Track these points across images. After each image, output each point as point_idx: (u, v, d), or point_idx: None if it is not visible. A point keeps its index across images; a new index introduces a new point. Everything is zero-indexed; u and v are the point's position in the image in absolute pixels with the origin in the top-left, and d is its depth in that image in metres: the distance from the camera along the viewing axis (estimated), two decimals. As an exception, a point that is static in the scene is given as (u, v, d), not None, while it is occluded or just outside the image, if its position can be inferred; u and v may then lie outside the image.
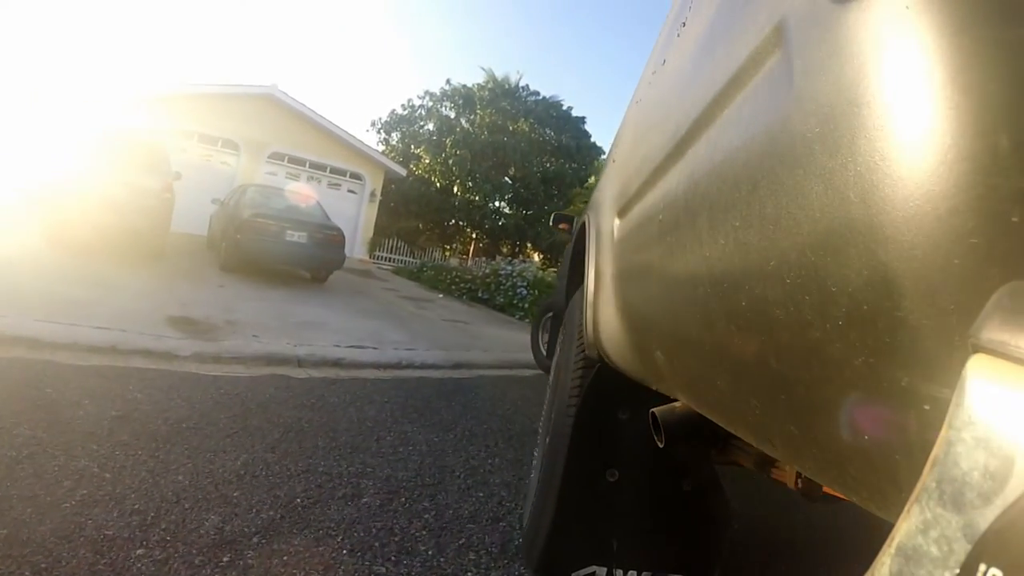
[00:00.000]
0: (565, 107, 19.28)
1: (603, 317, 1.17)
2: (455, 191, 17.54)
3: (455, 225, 19.07)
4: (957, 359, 0.26)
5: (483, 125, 18.20)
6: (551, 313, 4.29)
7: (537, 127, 18.95)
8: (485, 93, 18.69)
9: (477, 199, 17.41)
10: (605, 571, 1.31)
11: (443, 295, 9.33)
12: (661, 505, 1.34)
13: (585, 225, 1.66)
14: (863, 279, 0.32)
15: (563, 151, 19.05)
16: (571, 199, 15.60)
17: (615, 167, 1.39)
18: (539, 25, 39.70)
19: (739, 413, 0.57)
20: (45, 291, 3.62)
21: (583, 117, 19.64)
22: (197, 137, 11.54)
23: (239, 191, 7.82)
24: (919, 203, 0.29)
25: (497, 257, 13.58)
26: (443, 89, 19.20)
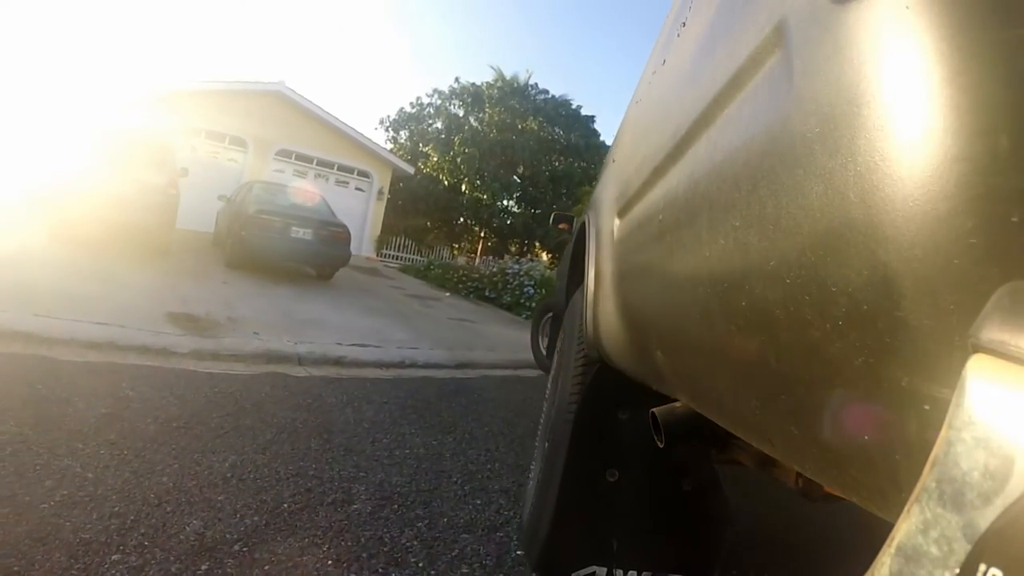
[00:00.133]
0: (574, 106, 19.31)
1: (603, 317, 1.17)
2: (463, 189, 17.55)
3: (463, 223, 19.07)
4: (957, 359, 0.26)
5: (492, 123, 18.21)
6: (551, 313, 4.28)
7: (546, 126, 18.93)
8: (494, 91, 18.70)
9: (485, 198, 17.42)
10: (605, 571, 1.31)
11: (450, 293, 9.28)
12: (661, 505, 1.34)
13: (585, 225, 1.66)
14: (863, 279, 0.32)
15: (572, 150, 19.04)
16: (580, 198, 15.56)
17: (615, 167, 1.39)
18: (549, 24, 39.77)
19: (739, 413, 0.57)
20: (48, 286, 3.62)
21: (592, 116, 19.74)
22: (205, 134, 11.57)
23: (245, 187, 7.84)
24: (919, 203, 0.29)
25: (505, 256, 13.58)
26: (452, 87, 19.26)
